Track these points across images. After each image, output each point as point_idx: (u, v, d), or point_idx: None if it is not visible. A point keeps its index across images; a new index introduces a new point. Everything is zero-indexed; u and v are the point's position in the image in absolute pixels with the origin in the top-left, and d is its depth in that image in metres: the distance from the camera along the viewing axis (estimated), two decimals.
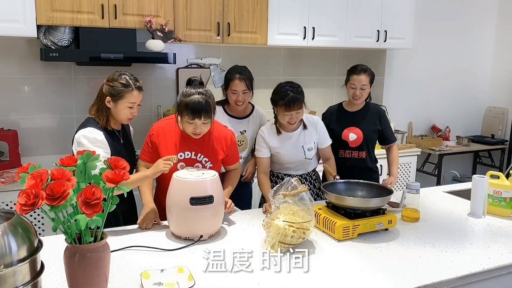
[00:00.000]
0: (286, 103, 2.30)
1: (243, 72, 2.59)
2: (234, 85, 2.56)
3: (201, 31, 3.36)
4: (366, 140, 2.74)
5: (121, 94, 2.06)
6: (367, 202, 2.03)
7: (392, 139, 2.86)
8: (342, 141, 2.74)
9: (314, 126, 2.54)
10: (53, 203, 1.16)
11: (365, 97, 2.74)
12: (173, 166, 2.09)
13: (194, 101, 1.99)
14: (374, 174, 2.83)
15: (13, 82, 3.23)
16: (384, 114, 2.84)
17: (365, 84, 2.69)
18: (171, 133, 2.16)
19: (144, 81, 3.59)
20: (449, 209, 2.40)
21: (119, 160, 1.35)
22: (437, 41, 4.88)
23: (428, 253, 1.83)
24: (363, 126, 2.74)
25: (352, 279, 1.61)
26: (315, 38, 3.76)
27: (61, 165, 1.30)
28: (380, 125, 2.79)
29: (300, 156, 2.50)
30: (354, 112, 2.79)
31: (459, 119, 5.18)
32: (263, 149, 2.49)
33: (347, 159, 2.75)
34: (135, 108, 2.12)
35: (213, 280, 1.57)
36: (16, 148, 3.04)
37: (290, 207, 1.85)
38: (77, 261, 1.29)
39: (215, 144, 2.20)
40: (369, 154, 2.77)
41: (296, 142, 2.48)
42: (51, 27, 3.00)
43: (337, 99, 4.41)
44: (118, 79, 2.08)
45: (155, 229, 2.06)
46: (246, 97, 2.61)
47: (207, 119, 2.03)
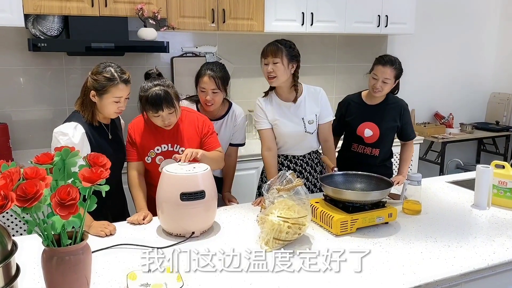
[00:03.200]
0: (262, 51, 2.27)
1: (215, 69, 2.39)
2: (203, 82, 2.38)
3: (195, 18, 3.25)
4: (382, 138, 2.58)
5: (106, 88, 1.95)
6: (366, 195, 1.94)
7: (410, 137, 2.68)
8: (356, 135, 2.60)
9: (315, 97, 2.41)
10: (25, 205, 1.08)
11: (386, 91, 2.54)
12: (152, 161, 2.11)
13: (153, 94, 1.97)
14: (387, 170, 2.69)
15: (2, 74, 3.14)
16: (406, 109, 2.65)
17: (388, 78, 2.47)
18: (146, 129, 2.15)
19: (137, 71, 3.55)
20: (452, 201, 2.32)
21: (99, 156, 1.27)
22: (440, 26, 4.75)
23: (430, 248, 1.75)
24: (380, 122, 2.57)
25: (350, 276, 1.53)
26: (313, 24, 3.64)
27: (35, 163, 1.22)
28: (400, 121, 2.61)
29: (300, 129, 2.36)
30: (373, 106, 2.60)
31: (463, 105, 5.07)
32: (262, 120, 2.36)
33: (358, 154, 2.62)
34: (122, 102, 2.00)
35: (203, 280, 1.49)
36: (6, 141, 2.96)
37: (285, 202, 1.77)
38: (54, 264, 1.22)
39: (190, 131, 2.16)
40: (382, 151, 2.62)
41: (296, 113, 2.36)
42: (39, 16, 2.90)
43: (337, 87, 4.35)
44: (103, 72, 1.96)
45: (146, 225, 1.98)
46: (217, 98, 2.39)
47: (171, 108, 2.01)
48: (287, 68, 2.26)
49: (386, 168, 2.70)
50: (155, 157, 2.14)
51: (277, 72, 2.24)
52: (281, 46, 2.24)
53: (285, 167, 2.46)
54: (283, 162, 2.47)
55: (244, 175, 3.08)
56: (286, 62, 2.24)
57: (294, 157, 2.47)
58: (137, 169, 2.16)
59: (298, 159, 2.48)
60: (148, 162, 2.16)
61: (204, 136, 2.20)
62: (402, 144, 2.74)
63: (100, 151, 1.97)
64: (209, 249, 1.66)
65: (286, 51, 2.24)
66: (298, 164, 2.48)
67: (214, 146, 2.21)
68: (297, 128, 2.37)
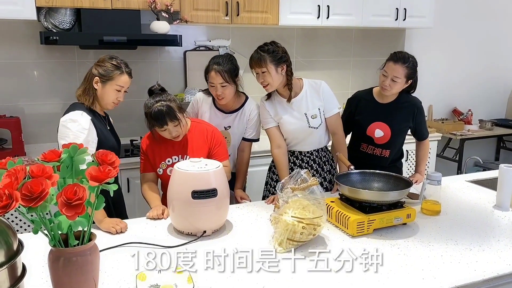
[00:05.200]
0: (249, 62, 2.24)
1: (221, 63, 2.33)
2: (211, 77, 2.34)
3: (208, 11, 3.19)
4: (393, 139, 2.45)
5: (111, 75, 2.01)
6: (384, 195, 1.87)
7: (424, 136, 2.57)
8: (366, 136, 2.48)
9: (316, 90, 2.33)
10: (30, 204, 1.04)
11: (395, 91, 2.38)
12: (164, 173, 2.17)
13: (155, 111, 2.01)
14: (398, 171, 2.56)
15: (15, 68, 3.13)
16: (420, 108, 2.50)
17: (398, 77, 2.30)
18: (156, 142, 2.17)
19: (150, 65, 3.53)
20: (473, 201, 2.23)
21: (108, 154, 1.22)
22: (460, 19, 4.61)
23: (451, 252, 1.67)
24: (392, 123, 2.43)
25: (366, 280, 1.47)
26: (330, 17, 3.55)
27: (42, 161, 1.18)
28: (413, 121, 2.49)
29: (303, 125, 2.31)
30: (385, 105, 2.46)
31: (482, 101, 4.92)
32: (268, 119, 2.35)
33: (367, 154, 2.51)
34: (121, 93, 2.06)
35: (214, 282, 1.44)
36: (19, 135, 2.95)
37: (300, 201, 1.71)
38: (61, 265, 1.18)
39: (199, 141, 2.18)
40: (393, 152, 2.51)
41: (298, 108, 2.31)
42: (52, 9, 2.87)
43: (353, 82, 4.26)
44: (110, 61, 2.04)
45: (157, 223, 1.95)
46: (227, 91, 2.33)
47: (175, 121, 2.03)
48: (276, 73, 2.21)
49: (397, 169, 2.58)
50: (166, 168, 2.17)
51: (268, 80, 2.22)
52: (263, 54, 2.19)
53: (290, 163, 2.41)
54: (289, 158, 2.42)
55: (257, 171, 3.02)
56: (273, 68, 2.19)
57: (300, 153, 2.42)
58: (151, 179, 2.20)
59: (304, 155, 2.42)
60: (160, 174, 2.19)
61: (213, 147, 2.20)
62: (417, 143, 2.64)
63: (104, 139, 2.04)
64: (221, 249, 1.61)
65: (269, 58, 2.18)
66: (304, 161, 2.42)
67: (222, 157, 2.19)
68: (300, 124, 2.32)
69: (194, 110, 2.54)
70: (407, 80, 2.36)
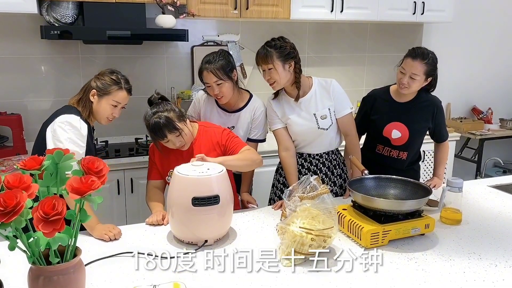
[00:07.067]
0: (255, 58, 2.12)
1: (212, 61, 2.19)
2: (204, 78, 2.21)
3: (216, 4, 3.05)
4: (411, 140, 2.31)
5: (108, 90, 1.94)
6: (401, 204, 1.72)
7: (444, 138, 2.42)
8: (383, 137, 2.34)
9: (326, 89, 2.19)
10: (3, 220, 0.93)
11: (414, 89, 2.25)
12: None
13: (154, 124, 1.93)
14: (415, 174, 2.45)
15: (17, 63, 3.04)
16: (440, 108, 2.36)
17: (417, 74, 2.17)
18: (164, 151, 2.07)
19: (156, 61, 3.41)
20: (496, 209, 2.07)
21: (94, 161, 1.10)
22: (480, 13, 4.40)
23: (474, 267, 1.53)
24: (410, 123, 2.30)
25: (367, 280, 1.37)
26: (344, 10, 3.38)
27: (21, 168, 1.06)
28: (433, 121, 2.34)
29: (312, 126, 2.18)
30: (403, 104, 2.32)
31: (503, 100, 4.71)
32: (275, 119, 2.23)
33: (383, 156, 2.37)
34: (118, 108, 1.98)
35: (214, 282, 1.35)
36: (20, 133, 2.86)
37: (309, 210, 1.58)
38: (41, 285, 1.06)
39: (208, 146, 2.05)
40: (410, 154, 2.36)
41: (306, 108, 2.17)
42: (54, 2, 2.76)
43: (368, 79, 4.10)
44: (110, 75, 1.96)
45: (157, 231, 1.83)
46: (224, 89, 2.19)
47: (175, 132, 1.93)
48: (284, 69, 2.08)
49: (414, 172, 2.45)
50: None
51: (274, 77, 2.09)
52: (270, 50, 2.06)
53: (299, 166, 2.28)
54: (298, 160, 2.28)
55: (264, 172, 2.88)
56: (280, 65, 2.06)
57: (309, 156, 2.28)
58: (157, 186, 2.12)
59: (313, 158, 2.28)
60: (169, 182, 2.05)
61: (227, 146, 2.07)
62: (436, 144, 2.49)
63: (89, 152, 1.90)
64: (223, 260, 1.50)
65: (276, 54, 2.05)
66: (313, 164, 2.28)
67: (239, 147, 2.06)
68: (309, 125, 2.18)
69: (196, 110, 2.42)
70: (426, 78, 2.21)
